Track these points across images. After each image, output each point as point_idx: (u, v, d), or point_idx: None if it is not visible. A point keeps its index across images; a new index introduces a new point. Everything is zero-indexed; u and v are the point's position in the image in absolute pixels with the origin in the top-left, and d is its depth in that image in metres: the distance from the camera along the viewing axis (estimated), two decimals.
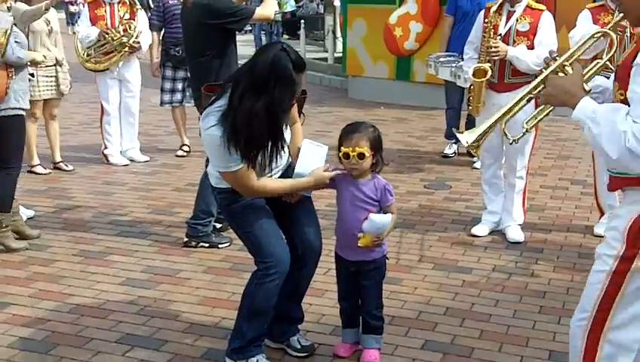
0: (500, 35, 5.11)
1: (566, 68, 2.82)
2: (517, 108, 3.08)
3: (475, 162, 7.26)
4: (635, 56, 2.50)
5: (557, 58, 2.86)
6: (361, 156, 3.39)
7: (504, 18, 5.15)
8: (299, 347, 3.69)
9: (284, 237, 3.52)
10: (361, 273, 3.54)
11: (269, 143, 3.26)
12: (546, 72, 2.85)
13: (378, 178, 3.50)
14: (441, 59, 7.54)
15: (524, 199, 5.51)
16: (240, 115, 3.15)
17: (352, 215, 3.45)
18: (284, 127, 3.33)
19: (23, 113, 5.13)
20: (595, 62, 2.90)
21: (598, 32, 3.02)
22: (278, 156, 3.36)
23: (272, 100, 3.15)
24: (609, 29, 2.98)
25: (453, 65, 7.23)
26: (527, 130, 3.01)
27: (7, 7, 5.51)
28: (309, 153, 3.50)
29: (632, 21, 2.72)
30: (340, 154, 3.43)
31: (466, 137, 3.23)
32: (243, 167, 3.25)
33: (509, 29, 5.12)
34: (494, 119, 3.11)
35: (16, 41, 5.03)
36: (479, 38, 5.27)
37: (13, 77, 4.98)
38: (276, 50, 3.20)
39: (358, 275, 3.55)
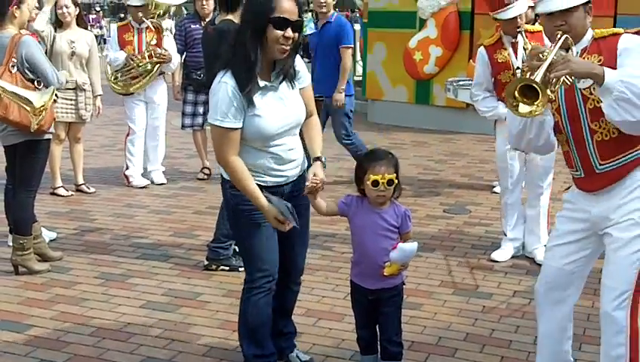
0: (519, 68, 5.12)
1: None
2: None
3: (494, 186, 7.25)
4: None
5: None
6: (391, 183, 3.37)
7: (511, 51, 5.16)
8: None
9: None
10: (382, 300, 3.51)
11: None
12: (554, 50, 2.89)
13: (397, 204, 3.48)
14: (460, 83, 7.59)
15: (548, 219, 5.47)
16: (239, 51, 3.24)
17: (375, 245, 3.41)
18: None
19: (51, 136, 5.21)
20: None
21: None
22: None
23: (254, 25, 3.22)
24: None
25: None
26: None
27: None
28: (282, 201, 3.34)
29: (575, 38, 3.03)
30: (369, 182, 3.36)
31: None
32: (238, 130, 3.23)
33: (522, 61, 5.14)
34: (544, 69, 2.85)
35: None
36: (487, 78, 5.30)
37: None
38: None
39: (378, 303, 3.51)
